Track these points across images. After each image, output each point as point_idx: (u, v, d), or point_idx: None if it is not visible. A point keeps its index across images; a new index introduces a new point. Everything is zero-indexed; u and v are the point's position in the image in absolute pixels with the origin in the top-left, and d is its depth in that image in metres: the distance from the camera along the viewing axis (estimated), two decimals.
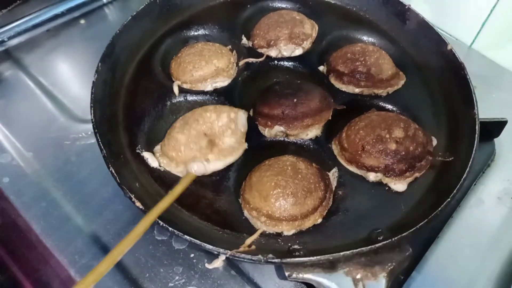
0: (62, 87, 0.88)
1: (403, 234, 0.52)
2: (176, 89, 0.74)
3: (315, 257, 0.50)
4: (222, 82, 0.76)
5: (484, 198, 0.72)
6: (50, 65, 0.93)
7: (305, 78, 0.79)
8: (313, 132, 0.69)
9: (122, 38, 0.75)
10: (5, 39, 0.95)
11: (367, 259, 0.52)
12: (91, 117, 0.62)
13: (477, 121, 0.64)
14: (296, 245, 0.56)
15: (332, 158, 0.67)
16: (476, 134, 0.63)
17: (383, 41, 0.85)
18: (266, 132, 0.69)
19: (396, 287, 0.61)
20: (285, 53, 0.82)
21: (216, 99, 0.74)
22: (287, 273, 0.51)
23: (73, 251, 0.64)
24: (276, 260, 0.50)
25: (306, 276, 0.51)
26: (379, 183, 0.64)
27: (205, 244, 0.51)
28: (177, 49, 0.80)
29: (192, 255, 0.64)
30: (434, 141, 0.67)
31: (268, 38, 0.81)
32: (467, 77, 0.70)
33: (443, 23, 0.98)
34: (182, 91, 0.74)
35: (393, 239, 0.52)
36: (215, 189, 0.63)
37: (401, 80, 0.77)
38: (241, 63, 0.80)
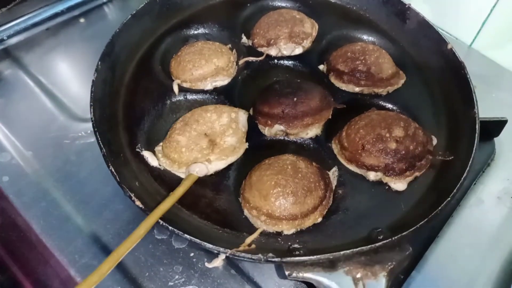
0: (62, 86, 0.88)
1: (403, 234, 0.52)
2: (176, 88, 0.74)
3: (315, 256, 0.50)
4: (222, 81, 0.76)
5: (484, 198, 0.72)
6: (50, 64, 0.92)
7: (305, 77, 0.79)
8: (313, 131, 0.69)
9: (122, 37, 0.75)
10: (5, 38, 0.95)
11: (367, 258, 0.52)
12: (91, 116, 0.62)
13: (477, 121, 0.64)
14: (296, 244, 0.56)
15: (332, 157, 0.67)
16: (476, 134, 0.63)
17: (383, 40, 0.84)
18: (266, 131, 0.69)
19: (396, 287, 0.61)
20: (285, 52, 0.82)
21: (216, 98, 0.74)
22: (287, 272, 0.51)
23: (73, 251, 0.63)
24: (276, 259, 0.50)
25: (306, 275, 0.51)
26: (379, 182, 0.64)
27: (205, 243, 0.51)
28: (177, 48, 0.79)
29: (192, 254, 0.64)
30: (434, 140, 0.67)
31: (268, 37, 0.81)
32: (467, 77, 0.70)
33: (443, 23, 0.98)
34: (182, 90, 0.74)
35: (393, 238, 0.52)
36: (215, 188, 0.63)
37: (401, 79, 0.77)
38: (241, 62, 0.80)
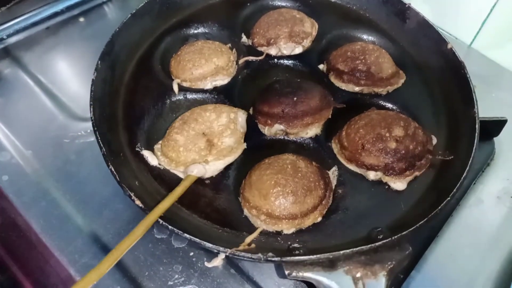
0: (61, 85, 0.88)
1: (403, 233, 0.52)
2: (176, 87, 0.74)
3: (315, 256, 0.50)
4: (222, 80, 0.76)
5: (484, 198, 0.72)
6: (49, 63, 0.92)
7: (305, 77, 0.79)
8: (313, 131, 0.69)
9: (122, 36, 0.75)
10: (4, 37, 0.95)
11: (367, 258, 0.52)
12: (91, 115, 0.62)
13: (477, 120, 0.64)
14: (296, 244, 0.56)
15: (332, 157, 0.67)
16: (476, 133, 0.63)
17: (383, 40, 0.84)
18: (266, 131, 0.69)
19: (396, 286, 0.61)
20: (285, 52, 0.82)
21: (216, 98, 0.74)
22: (287, 272, 0.51)
23: (73, 251, 0.63)
24: (276, 259, 0.50)
25: (306, 275, 0.51)
26: (379, 182, 0.64)
27: (205, 243, 0.51)
28: (177, 47, 0.79)
29: (192, 254, 0.63)
30: (434, 140, 0.67)
31: (268, 37, 0.81)
32: (467, 76, 0.70)
33: (443, 23, 0.98)
34: (182, 89, 0.74)
35: (393, 238, 0.52)
36: (215, 188, 0.63)
37: (401, 79, 0.77)
38: (241, 62, 0.80)
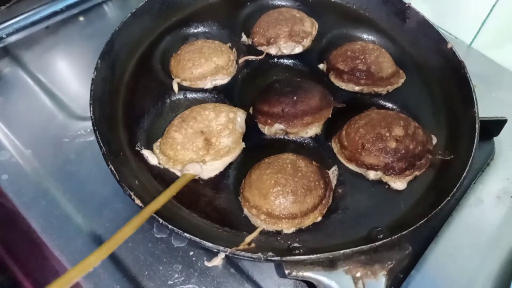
0: (61, 84, 0.87)
1: (403, 233, 0.52)
2: (176, 87, 0.74)
3: (315, 255, 0.50)
4: (222, 80, 0.76)
5: (484, 197, 0.72)
6: (49, 62, 0.92)
7: (305, 76, 0.78)
8: (313, 130, 0.69)
9: (122, 35, 0.75)
10: (4, 36, 0.95)
11: (367, 258, 0.52)
12: (91, 115, 0.62)
13: (477, 120, 0.64)
14: (296, 243, 0.56)
15: (332, 156, 0.67)
16: (476, 133, 0.63)
17: (383, 40, 0.84)
18: (266, 130, 0.69)
19: (396, 286, 0.61)
20: (285, 51, 0.82)
21: (216, 97, 0.74)
22: (287, 271, 0.51)
23: (73, 250, 0.63)
24: (276, 258, 0.50)
25: (306, 274, 0.51)
26: (379, 182, 0.64)
27: (205, 242, 0.51)
28: (177, 47, 0.79)
29: (192, 253, 0.63)
30: (434, 140, 0.67)
31: (268, 36, 0.81)
32: (467, 76, 0.70)
33: (443, 22, 0.98)
34: (182, 89, 0.74)
35: (393, 238, 0.52)
36: (215, 187, 0.63)
37: (401, 79, 0.77)
38: (241, 61, 0.79)
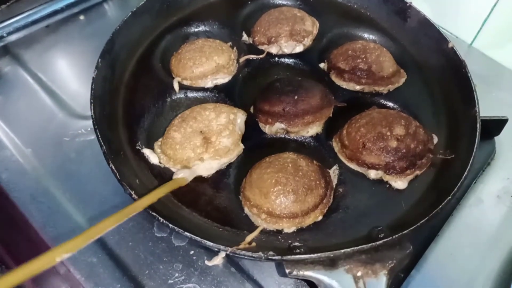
0: (61, 83, 0.87)
1: (404, 232, 0.52)
2: (176, 86, 0.74)
3: (316, 254, 0.50)
4: (223, 79, 0.76)
5: (484, 197, 0.72)
6: (49, 61, 0.92)
7: (306, 75, 0.78)
8: (314, 129, 0.69)
9: (122, 35, 0.75)
10: (4, 35, 0.95)
11: (368, 257, 0.52)
12: (91, 114, 0.62)
13: (478, 119, 0.64)
14: (297, 242, 0.55)
15: (333, 156, 0.67)
16: (477, 132, 0.63)
17: (384, 39, 0.84)
18: (267, 129, 0.69)
19: (396, 285, 0.61)
20: (286, 50, 0.81)
21: (217, 96, 0.74)
22: (288, 270, 0.51)
23: None
24: (277, 257, 0.50)
25: (307, 273, 0.51)
26: (380, 181, 0.64)
27: (205, 241, 0.51)
28: (177, 46, 0.79)
29: (192, 252, 0.63)
30: (435, 139, 0.66)
31: (269, 35, 0.81)
32: (468, 75, 0.70)
33: (443, 22, 0.97)
34: (182, 88, 0.74)
35: (394, 237, 0.52)
36: (215, 186, 0.63)
37: (402, 78, 0.77)
38: (242, 60, 0.79)
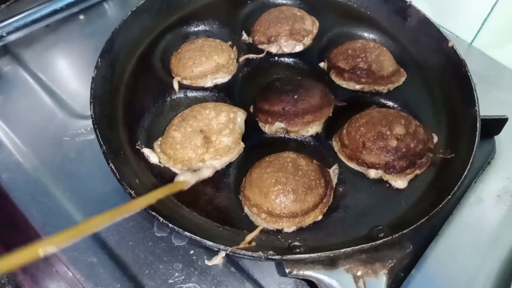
0: (61, 83, 0.87)
1: (404, 231, 0.52)
2: (176, 85, 0.74)
3: (316, 254, 0.50)
4: (222, 78, 0.76)
5: (484, 196, 0.72)
6: (49, 61, 0.92)
7: (306, 75, 0.78)
8: (314, 129, 0.69)
9: (122, 34, 0.75)
10: (4, 34, 0.94)
11: (368, 256, 0.52)
12: (91, 113, 0.62)
13: (478, 119, 0.64)
14: (297, 242, 0.55)
15: (333, 155, 0.67)
16: (477, 132, 0.63)
17: (384, 38, 0.84)
18: (267, 129, 0.69)
19: (396, 285, 0.61)
20: (286, 49, 0.81)
21: (216, 95, 0.74)
22: (288, 270, 0.51)
23: (73, 248, 0.63)
24: (277, 257, 0.50)
25: (307, 273, 0.51)
26: (380, 180, 0.64)
27: (205, 241, 0.51)
28: (177, 45, 0.79)
29: (192, 252, 0.63)
30: (435, 138, 0.66)
31: (269, 34, 0.81)
32: (468, 74, 0.70)
33: (443, 21, 0.97)
34: (182, 87, 0.74)
35: (394, 236, 0.52)
36: (215, 186, 0.63)
37: (402, 77, 0.77)
38: (242, 59, 0.79)
